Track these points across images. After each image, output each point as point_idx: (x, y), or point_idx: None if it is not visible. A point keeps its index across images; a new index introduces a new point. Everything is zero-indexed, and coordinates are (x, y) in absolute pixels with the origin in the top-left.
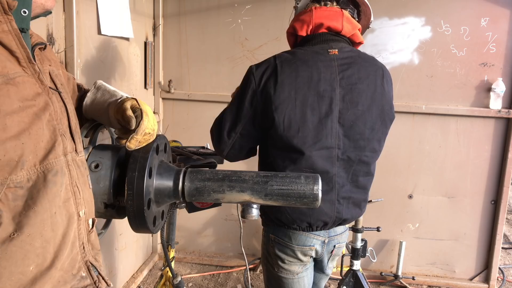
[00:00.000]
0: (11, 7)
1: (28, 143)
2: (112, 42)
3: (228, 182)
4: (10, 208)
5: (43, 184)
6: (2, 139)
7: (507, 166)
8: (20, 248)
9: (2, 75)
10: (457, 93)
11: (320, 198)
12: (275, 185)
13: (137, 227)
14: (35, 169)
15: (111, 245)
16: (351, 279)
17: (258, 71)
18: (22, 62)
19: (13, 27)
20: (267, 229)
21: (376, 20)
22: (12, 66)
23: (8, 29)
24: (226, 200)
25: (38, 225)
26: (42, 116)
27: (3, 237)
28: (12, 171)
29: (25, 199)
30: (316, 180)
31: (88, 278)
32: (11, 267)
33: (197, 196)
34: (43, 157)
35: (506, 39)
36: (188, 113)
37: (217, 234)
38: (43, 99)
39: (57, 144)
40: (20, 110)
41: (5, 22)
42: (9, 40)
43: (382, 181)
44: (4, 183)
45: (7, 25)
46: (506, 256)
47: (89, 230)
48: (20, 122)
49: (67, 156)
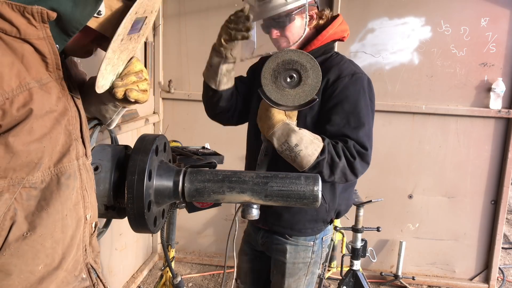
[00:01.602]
0: (50, 18)
1: (48, 147)
2: None
3: (228, 183)
4: (23, 207)
5: (56, 186)
6: (27, 142)
7: (507, 166)
8: (31, 247)
9: (36, 80)
10: (457, 93)
11: (320, 199)
12: (275, 186)
13: (138, 229)
14: (49, 171)
15: (111, 245)
16: (351, 279)
17: None
18: (50, 67)
19: (48, 35)
20: (318, 235)
21: (376, 20)
22: (42, 70)
23: (43, 36)
24: (227, 201)
25: (50, 226)
26: (62, 121)
27: (17, 235)
28: (30, 171)
29: (38, 200)
30: (316, 180)
31: (88, 280)
32: (22, 265)
33: (197, 197)
34: (57, 160)
35: (506, 39)
36: (188, 113)
37: (217, 234)
38: (62, 104)
39: (71, 149)
40: (45, 114)
41: (40, 29)
42: (43, 46)
43: (382, 181)
44: (21, 182)
45: (42, 32)
46: (506, 256)
47: (91, 233)
48: (43, 127)
49: (79, 160)
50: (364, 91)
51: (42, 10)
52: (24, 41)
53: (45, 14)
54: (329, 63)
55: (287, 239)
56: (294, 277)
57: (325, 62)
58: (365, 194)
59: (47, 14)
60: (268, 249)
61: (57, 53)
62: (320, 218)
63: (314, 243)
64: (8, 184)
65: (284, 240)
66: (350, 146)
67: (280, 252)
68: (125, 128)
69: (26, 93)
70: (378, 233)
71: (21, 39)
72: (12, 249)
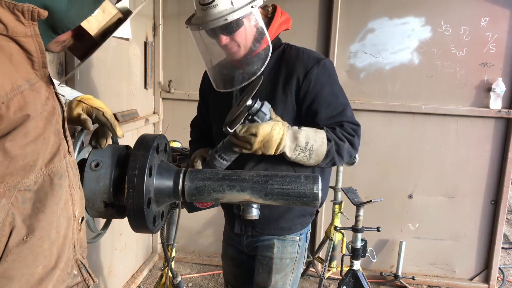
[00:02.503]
0: (40, 16)
1: (42, 148)
2: (112, 42)
3: (228, 182)
4: (20, 211)
5: (50, 187)
6: (24, 144)
7: (507, 166)
8: (32, 251)
9: (26, 80)
10: (457, 93)
11: (320, 198)
12: (275, 184)
13: (137, 226)
14: (41, 172)
15: (111, 245)
16: (351, 279)
17: None
18: (36, 66)
19: (36, 32)
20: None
21: (376, 20)
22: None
23: (31, 34)
24: (226, 200)
25: (47, 228)
26: (52, 120)
27: (17, 240)
28: (26, 174)
29: (33, 202)
30: (316, 179)
31: (79, 276)
32: (23, 269)
33: (197, 196)
34: (49, 160)
35: (506, 39)
36: (188, 113)
37: (217, 234)
38: (51, 103)
39: (61, 148)
40: (38, 115)
41: (29, 27)
42: (29, 44)
43: (382, 181)
44: (16, 186)
45: (30, 29)
46: (506, 256)
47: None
48: (37, 128)
49: (66, 158)
50: (332, 73)
51: (33, 9)
52: (10, 38)
53: (36, 12)
54: (288, 58)
55: (274, 235)
56: (281, 273)
57: (283, 57)
58: (365, 194)
59: (38, 13)
60: (253, 249)
61: (44, 51)
62: (307, 211)
63: (300, 238)
64: (5, 189)
65: (271, 236)
66: (347, 127)
67: (268, 248)
68: (125, 128)
69: (19, 96)
70: (378, 233)
71: (7, 36)
72: (14, 254)
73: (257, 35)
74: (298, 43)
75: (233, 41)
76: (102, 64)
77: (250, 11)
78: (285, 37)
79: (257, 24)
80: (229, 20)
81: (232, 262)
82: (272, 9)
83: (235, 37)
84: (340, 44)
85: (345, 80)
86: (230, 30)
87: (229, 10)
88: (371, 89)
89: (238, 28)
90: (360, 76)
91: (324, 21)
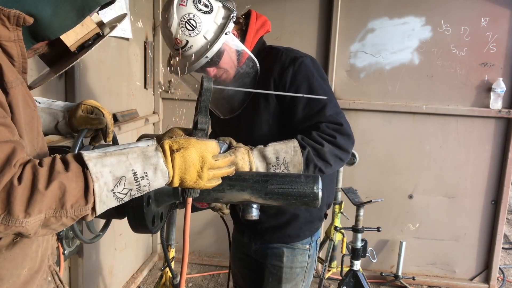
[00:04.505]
0: (25, 23)
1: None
2: (112, 42)
3: (228, 181)
4: None
5: None
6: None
7: (507, 166)
8: (22, 251)
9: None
10: (457, 93)
11: (320, 198)
12: (275, 184)
13: (136, 226)
14: None
15: (111, 245)
16: (351, 279)
17: None
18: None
19: (19, 37)
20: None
21: (376, 20)
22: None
23: (14, 39)
24: (226, 200)
25: None
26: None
27: (7, 241)
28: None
29: None
30: (316, 179)
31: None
32: (12, 270)
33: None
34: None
35: (506, 39)
36: (188, 113)
37: (217, 234)
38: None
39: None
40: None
41: (13, 32)
42: (12, 49)
43: (382, 181)
44: None
45: (14, 34)
46: (506, 256)
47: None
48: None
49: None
50: (311, 72)
51: (19, 15)
52: None
53: (22, 18)
54: (267, 61)
55: (283, 244)
56: (291, 282)
57: (264, 60)
58: (365, 194)
59: (24, 19)
60: (263, 256)
61: (26, 57)
62: (314, 216)
63: (310, 246)
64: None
65: (281, 245)
66: (324, 128)
67: (277, 257)
68: (124, 128)
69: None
70: (378, 233)
71: None
72: (5, 253)
73: (238, 55)
74: (298, 43)
75: (220, 69)
76: (102, 64)
77: (225, 39)
78: (285, 38)
79: (236, 45)
80: (209, 57)
81: (240, 263)
82: (245, 18)
83: (221, 65)
84: (340, 44)
85: (345, 80)
86: (213, 63)
87: (205, 47)
88: (371, 89)
89: (221, 57)
90: (360, 76)
91: (324, 21)
